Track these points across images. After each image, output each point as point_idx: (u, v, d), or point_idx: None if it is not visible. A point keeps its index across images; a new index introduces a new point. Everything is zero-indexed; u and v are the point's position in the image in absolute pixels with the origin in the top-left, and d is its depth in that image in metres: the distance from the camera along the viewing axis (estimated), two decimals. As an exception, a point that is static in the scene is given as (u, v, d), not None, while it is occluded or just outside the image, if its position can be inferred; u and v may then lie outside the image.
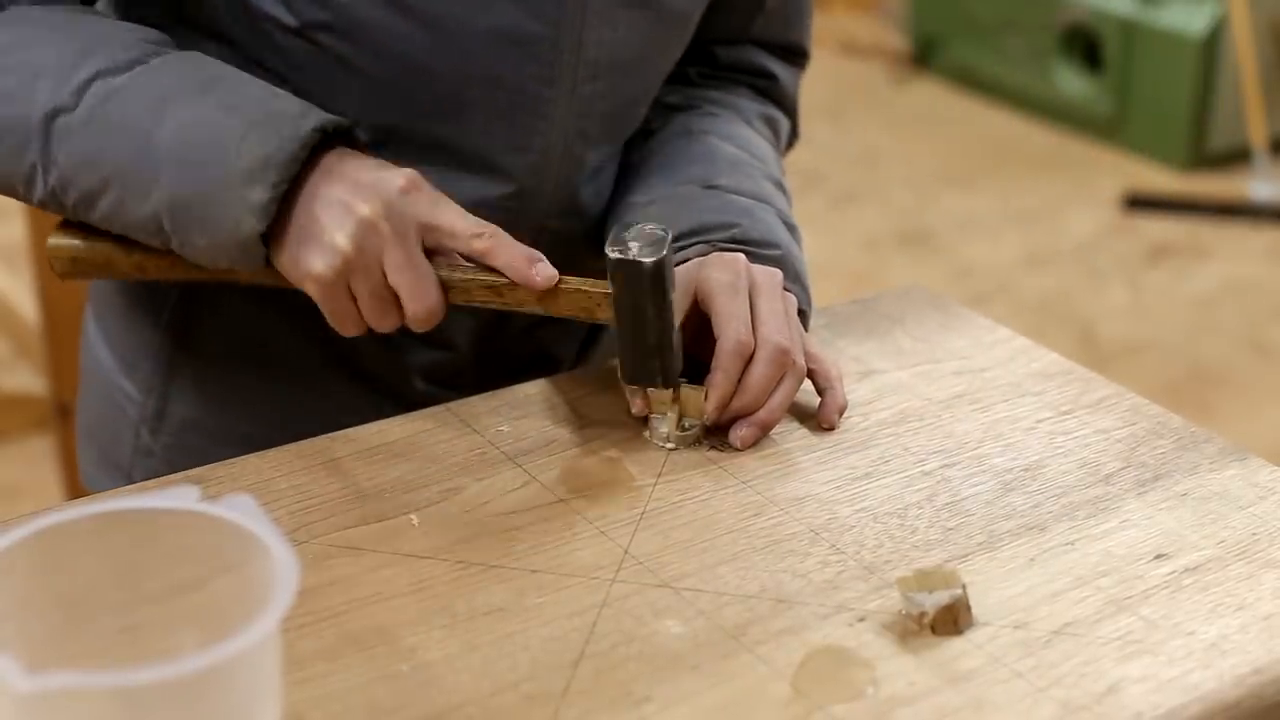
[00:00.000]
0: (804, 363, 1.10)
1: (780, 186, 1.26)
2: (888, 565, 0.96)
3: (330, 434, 1.08)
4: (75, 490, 2.13)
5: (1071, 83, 4.64)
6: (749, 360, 1.07)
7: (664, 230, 1.05)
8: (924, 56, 5.17)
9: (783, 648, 0.88)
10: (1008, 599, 0.93)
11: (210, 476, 1.03)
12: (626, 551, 0.96)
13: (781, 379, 1.08)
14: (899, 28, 5.35)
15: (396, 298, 1.03)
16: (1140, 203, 4.15)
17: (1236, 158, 4.36)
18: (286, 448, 1.06)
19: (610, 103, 1.18)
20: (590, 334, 1.35)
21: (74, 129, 1.03)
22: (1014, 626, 0.90)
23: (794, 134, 1.39)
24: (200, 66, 1.06)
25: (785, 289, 1.13)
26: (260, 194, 1.00)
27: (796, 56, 1.36)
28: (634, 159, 1.27)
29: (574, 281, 1.06)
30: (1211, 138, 4.39)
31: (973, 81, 4.97)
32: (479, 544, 0.97)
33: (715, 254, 1.13)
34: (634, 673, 0.86)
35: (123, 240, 1.08)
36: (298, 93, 1.13)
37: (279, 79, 1.13)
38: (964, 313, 1.29)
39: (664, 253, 1.02)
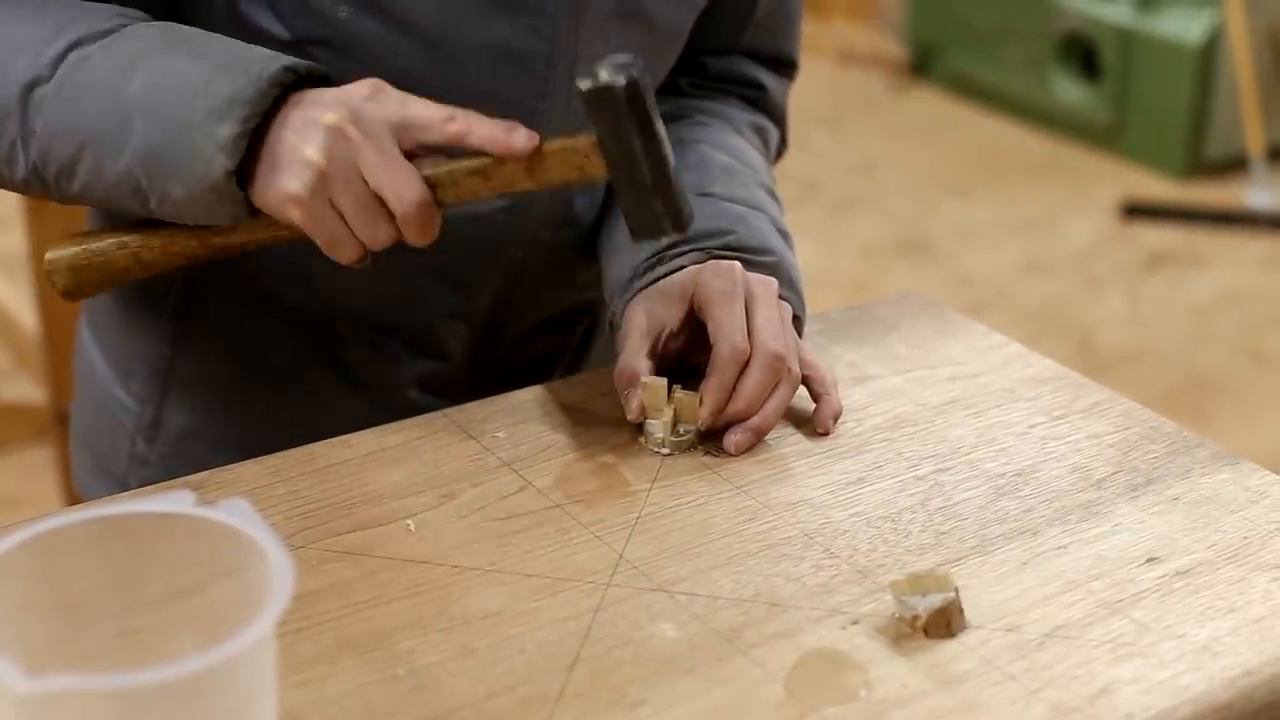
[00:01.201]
0: (799, 370, 1.11)
1: (772, 194, 1.27)
2: (881, 569, 0.96)
3: (327, 440, 1.08)
4: (74, 500, 2.14)
5: (1069, 91, 4.65)
6: (744, 367, 1.08)
7: (632, 56, 1.01)
8: (922, 65, 5.17)
9: (776, 651, 0.89)
10: (1000, 602, 0.93)
11: (207, 483, 1.04)
12: (621, 556, 0.97)
13: (776, 386, 1.09)
14: (897, 36, 5.35)
15: (383, 204, 1.01)
16: (1138, 211, 4.16)
17: (1234, 166, 4.36)
18: (283, 454, 1.07)
19: None
20: (583, 343, 1.36)
21: (49, 98, 1.03)
22: (1006, 629, 0.91)
23: (783, 144, 1.40)
24: (172, 29, 1.06)
25: (781, 297, 1.14)
26: (228, 129, 0.99)
27: (786, 67, 1.37)
28: None
29: (557, 141, 1.02)
30: (1209, 146, 4.39)
31: (971, 90, 4.98)
32: (475, 549, 0.97)
33: (711, 262, 1.13)
34: (629, 676, 0.86)
35: (113, 231, 1.08)
36: None
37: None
38: (958, 319, 1.29)
39: (634, 73, 0.99)
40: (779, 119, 1.38)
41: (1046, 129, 4.73)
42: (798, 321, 1.17)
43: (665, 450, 1.08)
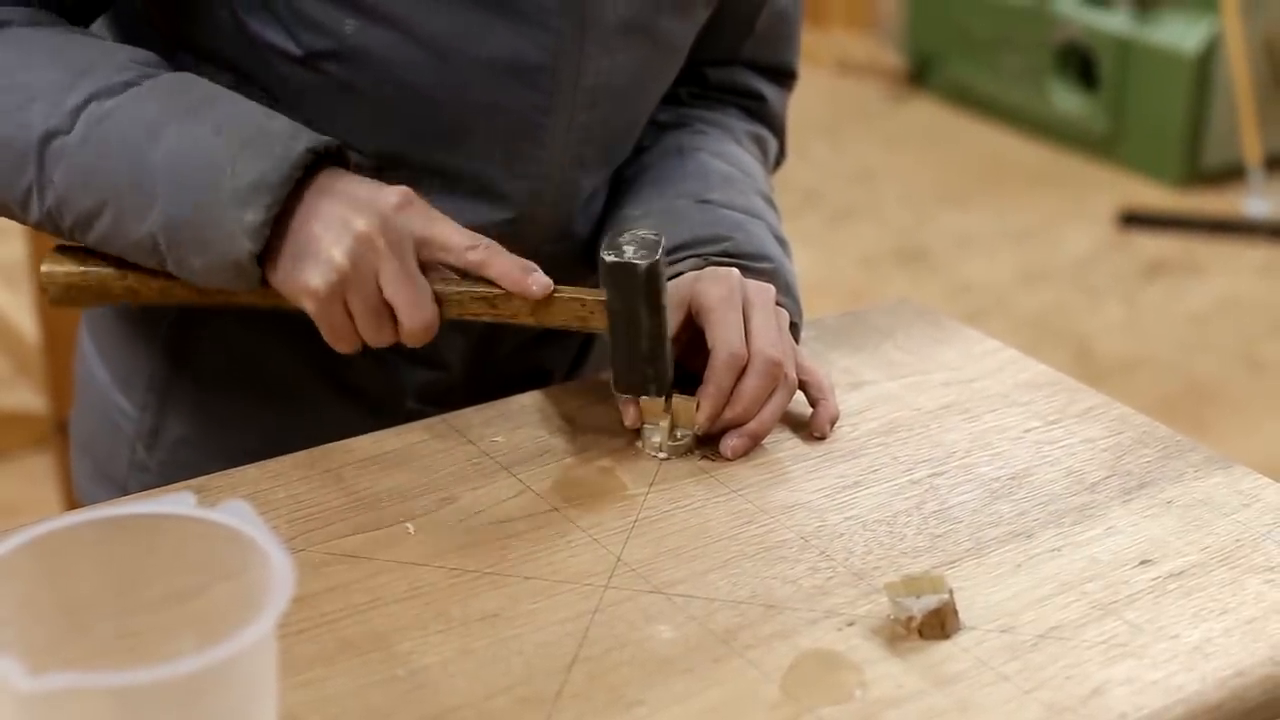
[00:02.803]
0: (795, 375, 1.12)
1: (770, 202, 1.27)
2: (876, 571, 0.97)
3: (327, 445, 1.09)
4: (74, 508, 2.14)
5: (1067, 100, 4.66)
6: (741, 372, 1.09)
7: (657, 234, 1.07)
8: (920, 75, 5.19)
9: (773, 652, 0.89)
10: (994, 604, 0.94)
11: (207, 487, 1.04)
12: (619, 558, 0.98)
13: (773, 391, 1.10)
14: (895, 46, 5.37)
15: (392, 312, 1.04)
16: (1135, 219, 4.17)
17: (1231, 174, 4.38)
18: (283, 458, 1.07)
19: (607, 129, 1.20)
20: (581, 351, 1.36)
21: (69, 151, 1.04)
22: (1000, 630, 0.92)
23: (781, 154, 1.40)
24: (191, 87, 1.07)
25: (778, 303, 1.14)
26: (254, 215, 1.01)
27: (785, 78, 1.38)
28: (626, 173, 1.28)
29: (568, 290, 1.07)
30: (1206, 154, 4.41)
31: (969, 99, 5.00)
32: (474, 551, 0.98)
33: (709, 268, 1.14)
34: (626, 677, 0.87)
35: (116, 264, 1.09)
36: (299, 118, 1.15)
37: (281, 104, 1.14)
38: (953, 325, 1.30)
39: (658, 256, 1.04)
40: (778, 129, 1.39)
41: (1044, 138, 4.74)
42: (795, 328, 1.18)
43: (662, 454, 1.09)
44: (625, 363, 1.07)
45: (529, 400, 1.17)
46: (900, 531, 1.02)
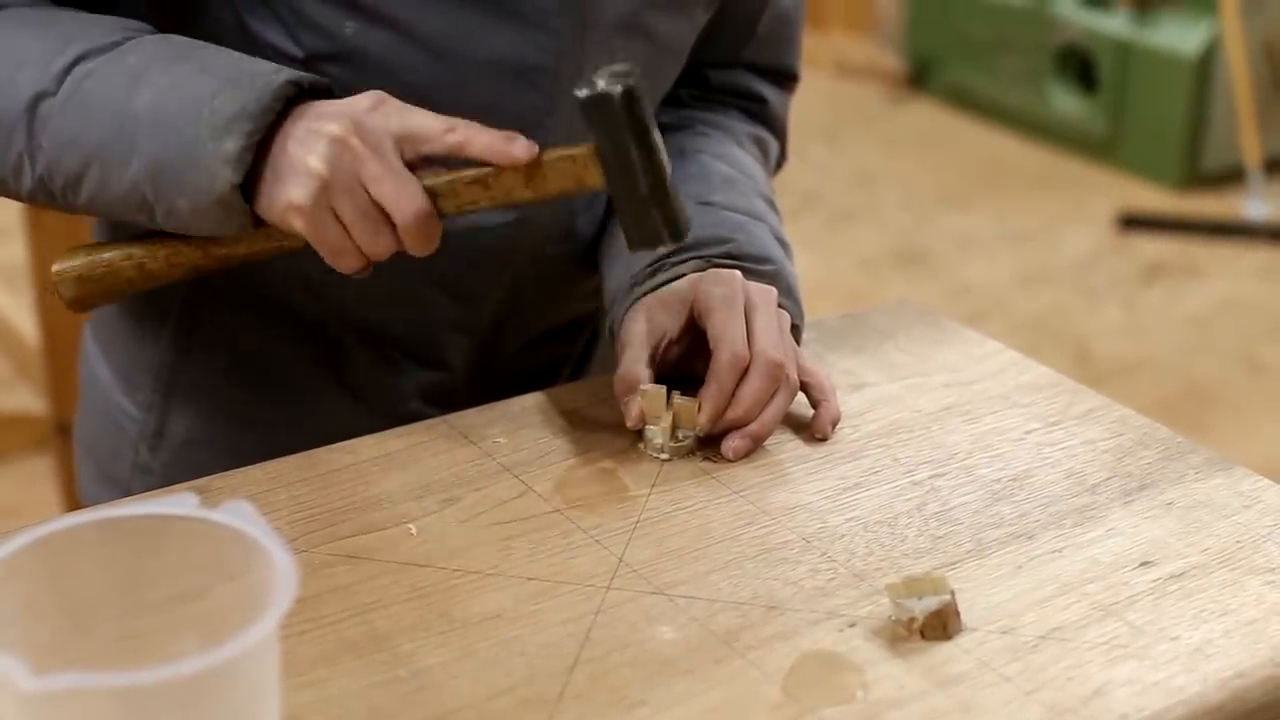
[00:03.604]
0: (797, 377, 1.12)
1: (771, 203, 1.28)
2: (878, 572, 0.97)
3: (329, 446, 1.09)
4: (75, 509, 2.14)
5: (1066, 103, 4.67)
6: (743, 374, 1.09)
7: (629, 65, 1.03)
8: (919, 77, 5.19)
9: (774, 653, 0.90)
10: (995, 605, 0.94)
11: (210, 488, 1.04)
12: (621, 560, 0.98)
13: (775, 393, 1.10)
14: (894, 49, 5.37)
15: (385, 214, 1.02)
16: (1135, 222, 4.17)
17: (1230, 177, 4.38)
18: (285, 459, 1.08)
19: None
20: (586, 349, 1.36)
21: (55, 111, 1.04)
22: (1001, 632, 0.92)
23: (783, 155, 1.41)
24: (176, 42, 1.07)
25: (779, 305, 1.15)
26: (233, 144, 1.00)
27: (786, 80, 1.38)
28: None
29: (556, 151, 1.04)
30: (1206, 157, 4.41)
31: (968, 102, 5.00)
32: (476, 552, 0.98)
33: (711, 270, 1.14)
34: (628, 677, 0.87)
35: (120, 244, 1.09)
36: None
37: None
38: (953, 326, 1.30)
39: (631, 82, 1.01)
40: (779, 131, 1.39)
41: (1044, 141, 4.74)
42: (796, 330, 1.18)
43: (664, 456, 1.09)
44: (631, 214, 1.04)
45: (531, 401, 1.17)
46: (901, 533, 1.02)
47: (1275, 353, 3.59)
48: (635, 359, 1.12)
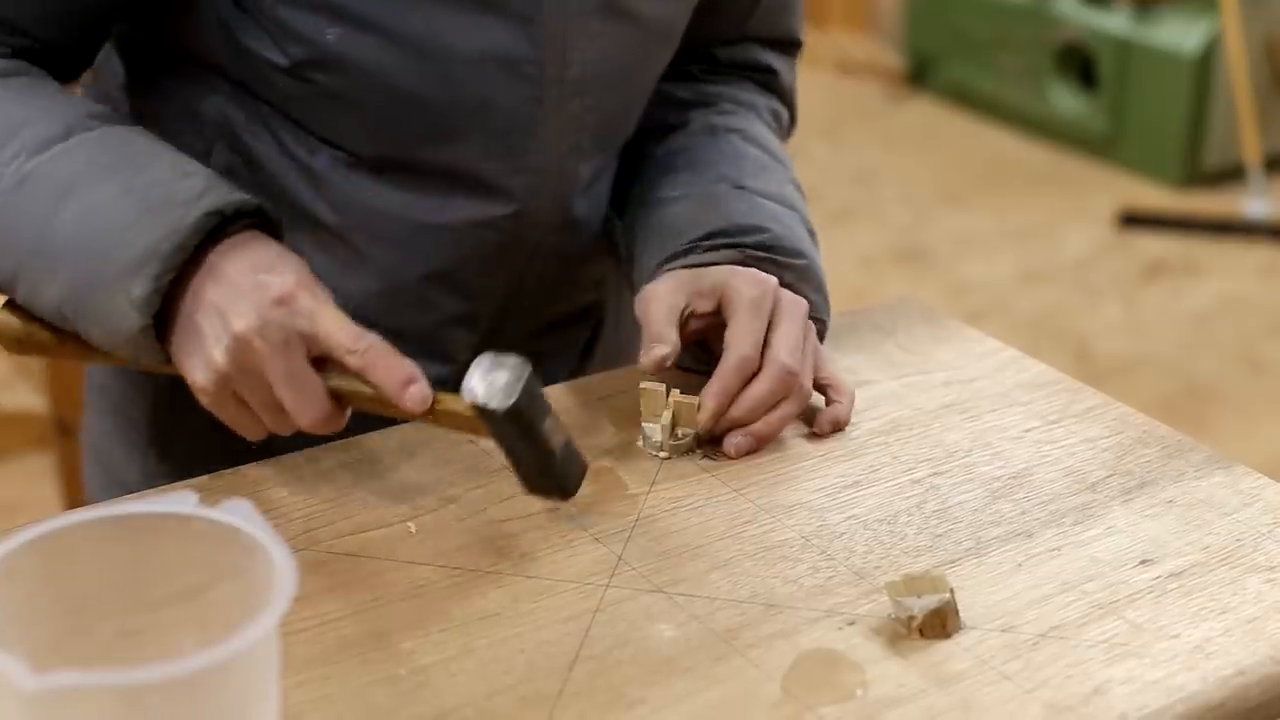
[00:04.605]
0: (811, 390, 1.12)
1: (799, 189, 1.28)
2: (877, 571, 0.97)
3: (328, 444, 1.09)
4: (75, 508, 2.14)
5: (1067, 101, 4.66)
6: (752, 377, 1.09)
7: (522, 362, 0.98)
8: (920, 75, 5.19)
9: (774, 651, 0.90)
10: (995, 603, 0.94)
11: (209, 486, 1.05)
12: (620, 558, 0.98)
13: (783, 400, 1.10)
14: (895, 46, 5.37)
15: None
16: (1135, 220, 4.17)
17: (1231, 175, 4.38)
18: (284, 457, 1.08)
19: (600, 116, 1.20)
20: (589, 343, 1.36)
21: None
22: (1001, 630, 0.92)
23: (792, 122, 1.41)
24: (118, 144, 1.04)
25: (809, 300, 1.15)
26: (141, 287, 0.97)
27: (791, 47, 1.38)
28: (657, 153, 1.28)
29: (448, 401, 0.99)
30: (1206, 155, 4.41)
31: (968, 100, 5.00)
32: (475, 551, 0.98)
33: (749, 269, 1.14)
34: (628, 676, 0.87)
35: (52, 327, 1.06)
36: (295, 125, 1.14)
37: (276, 112, 1.15)
38: (954, 324, 1.30)
39: (517, 396, 0.95)
40: (789, 100, 1.39)
41: (1044, 139, 4.74)
42: (823, 324, 1.18)
43: (663, 454, 1.09)
44: (522, 476, 1.00)
45: (530, 400, 1.16)
46: (901, 531, 1.02)
47: (1275, 351, 3.59)
48: (664, 320, 1.11)
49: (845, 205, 4.29)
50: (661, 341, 1.10)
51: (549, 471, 0.99)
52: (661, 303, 1.12)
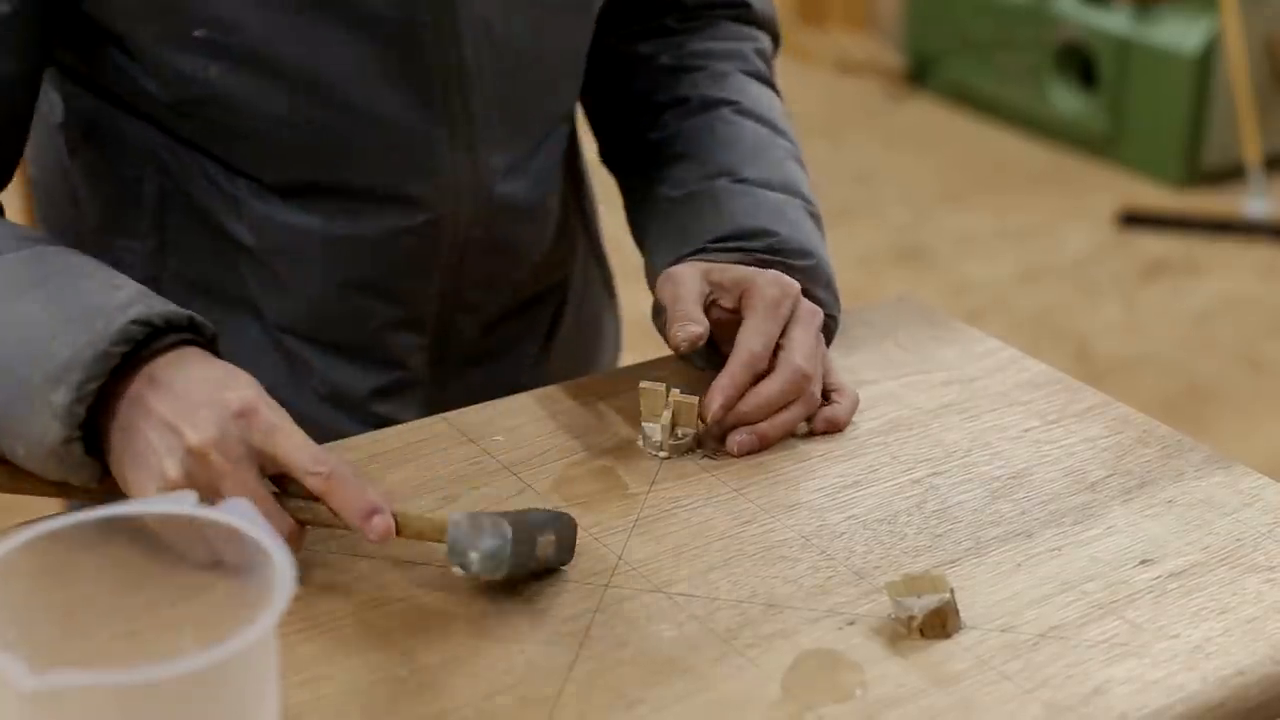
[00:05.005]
0: (819, 398, 1.12)
1: (798, 160, 1.27)
2: (877, 571, 0.97)
3: (327, 444, 1.09)
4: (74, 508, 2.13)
5: (1067, 100, 4.66)
6: (762, 375, 1.09)
7: (500, 520, 0.91)
8: (919, 74, 5.19)
9: (773, 651, 0.90)
10: (995, 603, 0.94)
11: (210, 486, 1.04)
12: (620, 558, 0.98)
13: (793, 402, 1.10)
14: (894, 46, 5.37)
15: None
16: (1135, 219, 4.17)
17: (1231, 175, 4.38)
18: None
19: (512, 106, 1.18)
20: (551, 328, 1.35)
21: None
22: (1001, 630, 0.92)
23: (776, 43, 1.38)
24: (48, 261, 1.00)
25: (817, 298, 1.15)
26: (63, 396, 0.92)
27: None
28: (652, 138, 1.27)
29: (415, 525, 0.93)
30: (1206, 155, 4.41)
31: (968, 99, 5.00)
32: (475, 551, 0.98)
33: (772, 272, 1.13)
34: (627, 676, 0.87)
35: None
36: (204, 158, 1.14)
37: (181, 151, 1.14)
38: (953, 324, 1.30)
39: (509, 567, 0.91)
40: (768, 24, 1.36)
41: (1044, 138, 4.74)
42: (833, 320, 1.18)
43: (663, 453, 1.09)
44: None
45: (529, 399, 1.17)
46: (901, 531, 1.02)
47: (1275, 350, 3.59)
48: (693, 303, 1.10)
49: (845, 205, 4.29)
50: (693, 320, 1.09)
51: (546, 570, 0.97)
52: (688, 286, 1.12)
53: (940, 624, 0.91)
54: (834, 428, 1.13)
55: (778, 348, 1.10)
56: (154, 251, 1.19)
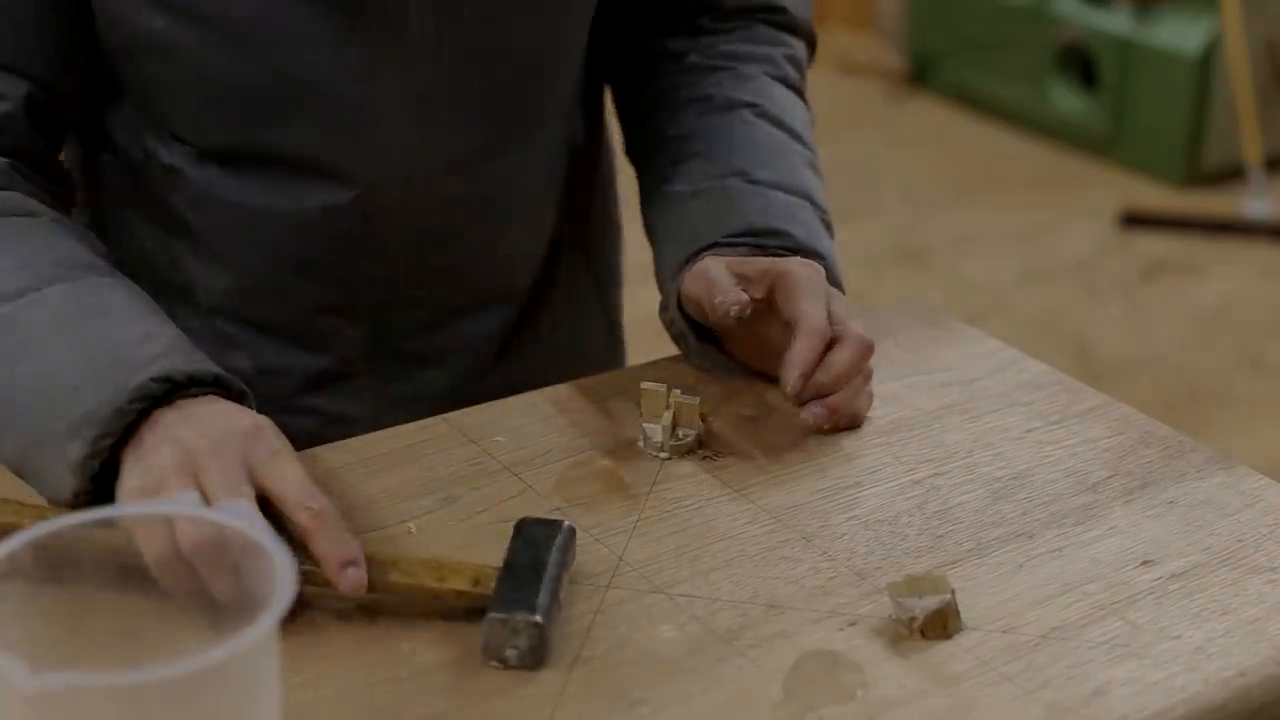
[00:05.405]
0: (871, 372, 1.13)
1: (814, 167, 1.27)
2: (878, 571, 0.97)
3: (329, 444, 1.09)
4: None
5: (1067, 101, 4.66)
6: (830, 347, 1.09)
7: (532, 619, 0.88)
8: (921, 75, 5.19)
9: (775, 651, 0.89)
10: (996, 604, 0.94)
11: (211, 486, 1.04)
12: (621, 558, 0.98)
13: (858, 375, 1.11)
14: (896, 46, 5.37)
15: None
16: (1136, 220, 4.17)
17: (1231, 175, 4.37)
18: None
19: (470, 88, 1.15)
20: (510, 336, 1.30)
21: None
22: (1002, 631, 0.92)
23: (812, 50, 1.38)
24: (91, 297, 1.00)
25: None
26: (78, 450, 0.92)
27: None
28: (669, 133, 1.26)
29: (393, 575, 0.92)
30: (1207, 155, 4.40)
31: (969, 100, 5.00)
32: (476, 551, 0.97)
33: (796, 257, 1.13)
34: (628, 676, 0.87)
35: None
36: (150, 121, 1.13)
37: (136, 109, 1.14)
38: (954, 325, 1.30)
39: (545, 654, 0.88)
40: (804, 32, 1.36)
41: (1045, 139, 4.74)
42: None
43: (664, 454, 1.09)
44: None
45: (530, 399, 1.16)
46: (902, 531, 1.02)
47: (1276, 351, 3.59)
48: (731, 283, 1.10)
49: (845, 205, 4.28)
50: (726, 293, 1.08)
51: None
52: (719, 272, 1.11)
53: (941, 625, 0.91)
54: (856, 422, 1.13)
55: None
56: (86, 230, 1.14)
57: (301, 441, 1.01)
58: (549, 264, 1.31)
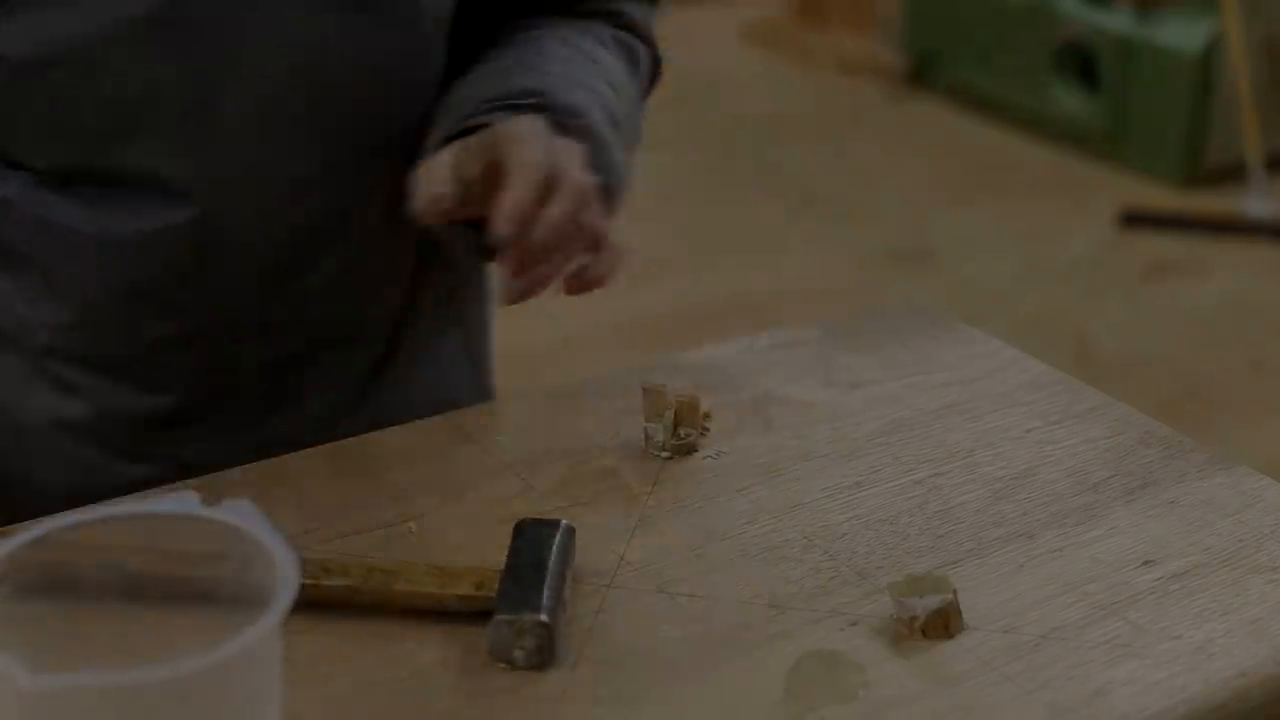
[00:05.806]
0: (606, 230, 1.01)
1: (614, 88, 1.16)
2: (879, 571, 0.97)
3: (330, 444, 1.09)
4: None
5: (1068, 100, 4.66)
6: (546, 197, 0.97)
7: (538, 619, 0.88)
8: (920, 74, 5.18)
9: (776, 651, 0.89)
10: (997, 604, 0.94)
11: (210, 484, 1.04)
12: (622, 558, 0.98)
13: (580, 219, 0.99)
14: (895, 45, 5.36)
15: None
16: (1137, 219, 4.17)
17: (1232, 174, 4.37)
18: (285, 457, 1.07)
19: (299, 117, 1.09)
20: (366, 384, 1.22)
21: None
22: (1003, 631, 0.92)
23: (656, 65, 1.27)
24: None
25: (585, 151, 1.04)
26: None
27: (650, 2, 1.27)
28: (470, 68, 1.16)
29: (400, 579, 0.93)
30: (1208, 155, 4.40)
31: (969, 99, 4.99)
32: (477, 551, 0.98)
33: (516, 116, 1.03)
34: (630, 676, 0.87)
35: None
36: None
37: None
38: (955, 325, 1.30)
39: (555, 654, 0.88)
40: (645, 38, 1.25)
41: (1045, 138, 4.74)
42: (610, 191, 1.06)
43: (666, 454, 1.09)
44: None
45: (531, 399, 1.17)
46: (903, 531, 1.02)
47: (1277, 351, 3.59)
48: (440, 164, 1.01)
49: (845, 205, 4.29)
50: (437, 184, 0.99)
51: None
52: (438, 162, 1.01)
53: (942, 625, 0.91)
54: (594, 284, 1.01)
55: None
56: None
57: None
58: (410, 297, 1.23)
